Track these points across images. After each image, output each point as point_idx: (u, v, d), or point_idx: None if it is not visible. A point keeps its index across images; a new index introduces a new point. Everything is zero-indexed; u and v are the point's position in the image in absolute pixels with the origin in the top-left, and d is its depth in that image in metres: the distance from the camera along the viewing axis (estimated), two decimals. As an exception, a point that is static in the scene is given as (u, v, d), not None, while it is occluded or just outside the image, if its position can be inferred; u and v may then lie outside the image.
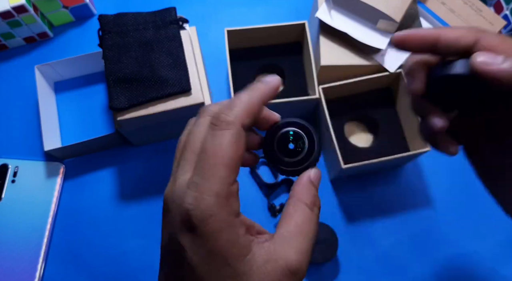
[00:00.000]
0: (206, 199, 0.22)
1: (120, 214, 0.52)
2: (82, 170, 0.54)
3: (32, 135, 0.55)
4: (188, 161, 0.24)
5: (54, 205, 0.51)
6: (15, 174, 0.52)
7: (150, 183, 0.53)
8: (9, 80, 0.58)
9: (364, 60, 0.50)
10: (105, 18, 0.47)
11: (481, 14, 0.52)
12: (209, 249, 0.22)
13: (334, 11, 0.50)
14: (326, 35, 0.51)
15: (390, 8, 0.47)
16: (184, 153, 0.25)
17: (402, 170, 0.54)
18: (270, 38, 0.54)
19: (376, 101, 0.54)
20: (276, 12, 0.62)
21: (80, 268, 0.49)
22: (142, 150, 0.54)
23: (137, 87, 0.45)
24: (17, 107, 0.57)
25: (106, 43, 0.46)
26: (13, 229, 0.50)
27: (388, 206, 0.52)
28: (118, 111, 0.44)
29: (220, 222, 0.22)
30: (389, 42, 0.49)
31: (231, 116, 0.24)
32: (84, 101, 0.57)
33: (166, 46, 0.46)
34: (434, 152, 0.54)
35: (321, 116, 0.50)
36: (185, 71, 0.46)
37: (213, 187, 0.22)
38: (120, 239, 0.51)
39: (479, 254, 0.50)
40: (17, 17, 0.54)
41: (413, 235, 0.51)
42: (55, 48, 0.60)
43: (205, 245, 0.22)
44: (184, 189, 0.23)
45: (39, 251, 0.49)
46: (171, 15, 0.48)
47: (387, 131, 0.53)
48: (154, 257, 0.50)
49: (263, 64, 0.55)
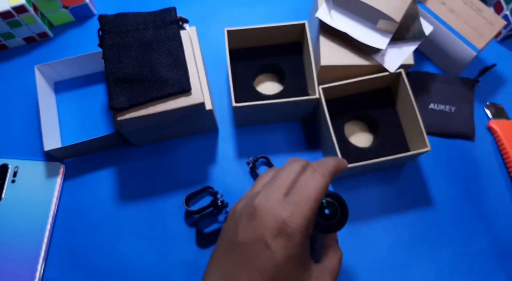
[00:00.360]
0: (299, 220, 0.30)
1: (120, 214, 0.52)
2: (82, 170, 0.54)
3: (32, 135, 0.55)
4: (281, 186, 0.32)
5: (54, 205, 0.51)
6: (15, 174, 0.53)
7: (150, 183, 0.53)
8: (9, 80, 0.58)
9: (364, 60, 0.50)
10: (105, 18, 0.47)
11: (481, 14, 0.52)
12: (291, 254, 0.30)
13: (334, 11, 0.50)
14: (326, 35, 0.51)
15: (390, 8, 0.47)
16: (277, 179, 0.33)
17: (402, 170, 0.54)
18: (270, 38, 0.54)
19: (376, 101, 0.54)
20: (276, 12, 0.63)
21: (80, 268, 0.49)
22: (142, 150, 0.54)
23: (137, 87, 0.45)
24: (17, 107, 0.57)
25: (106, 43, 0.46)
26: (13, 229, 0.50)
27: (388, 206, 0.52)
28: (118, 111, 0.44)
29: (302, 239, 0.30)
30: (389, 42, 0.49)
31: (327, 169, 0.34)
32: (84, 101, 0.57)
33: (166, 46, 0.46)
34: (434, 152, 0.54)
35: (321, 116, 0.50)
36: (185, 71, 0.46)
37: (305, 212, 0.31)
38: (120, 239, 0.51)
39: (479, 254, 0.50)
40: (17, 17, 0.54)
41: (413, 234, 0.51)
42: (55, 48, 0.60)
43: (290, 249, 0.30)
44: (281, 205, 0.31)
45: (39, 251, 0.49)
46: (171, 15, 0.48)
47: (387, 131, 0.53)
48: (154, 256, 0.50)
49: (263, 64, 0.55)
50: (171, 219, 0.51)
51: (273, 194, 0.32)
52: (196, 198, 0.52)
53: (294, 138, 0.55)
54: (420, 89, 0.56)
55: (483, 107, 0.57)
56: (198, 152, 0.54)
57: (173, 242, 0.50)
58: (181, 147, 0.55)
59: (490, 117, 0.57)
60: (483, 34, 0.52)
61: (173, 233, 0.51)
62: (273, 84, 0.56)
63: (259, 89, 0.55)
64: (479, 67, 0.58)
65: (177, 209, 0.52)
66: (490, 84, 0.59)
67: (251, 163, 0.52)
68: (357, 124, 0.55)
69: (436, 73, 0.57)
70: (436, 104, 0.56)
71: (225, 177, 0.53)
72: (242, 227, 0.32)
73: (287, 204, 0.31)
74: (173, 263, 0.49)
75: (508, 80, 0.59)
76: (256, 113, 0.51)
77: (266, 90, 0.56)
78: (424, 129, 0.47)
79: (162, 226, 0.51)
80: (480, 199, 0.53)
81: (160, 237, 0.51)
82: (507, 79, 0.59)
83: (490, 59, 0.60)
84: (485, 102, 0.58)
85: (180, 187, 0.53)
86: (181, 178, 0.53)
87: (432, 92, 0.56)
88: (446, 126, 0.55)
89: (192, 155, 0.54)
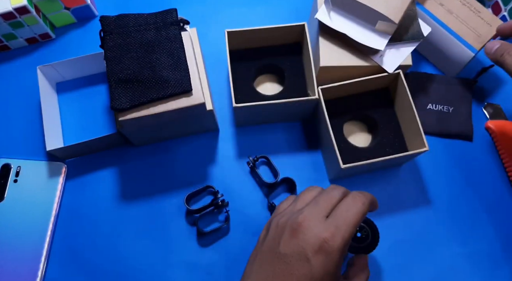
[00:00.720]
0: (339, 241, 0.33)
1: (122, 213, 0.52)
2: (83, 170, 0.54)
3: (34, 135, 0.55)
4: (324, 208, 0.36)
5: (56, 204, 0.52)
6: (17, 174, 0.53)
7: (151, 183, 0.53)
8: (11, 81, 0.59)
9: (363, 61, 0.50)
10: (107, 19, 0.47)
11: (479, 15, 0.52)
12: (328, 270, 0.33)
13: (333, 12, 0.51)
14: (325, 36, 0.51)
15: (388, 10, 0.47)
16: (320, 201, 0.37)
17: (401, 169, 0.54)
18: (270, 39, 0.55)
19: (375, 101, 0.54)
20: (276, 13, 0.63)
21: (81, 267, 0.50)
22: (143, 150, 0.55)
23: (138, 87, 0.45)
24: (19, 107, 0.57)
25: (108, 44, 0.47)
26: (15, 229, 0.50)
27: (386, 206, 0.52)
28: (119, 112, 0.45)
29: (339, 259, 0.34)
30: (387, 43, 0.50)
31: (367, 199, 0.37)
32: (86, 101, 0.57)
33: (167, 47, 0.47)
34: (432, 152, 0.55)
35: (321, 116, 0.50)
36: (186, 71, 0.46)
37: (345, 235, 0.34)
38: (121, 238, 0.51)
39: (477, 254, 0.50)
40: (19, 18, 0.54)
41: (412, 234, 0.51)
42: (57, 49, 0.60)
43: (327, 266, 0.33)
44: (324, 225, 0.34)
45: (41, 251, 0.50)
46: (172, 16, 0.48)
47: (386, 131, 0.53)
48: (155, 255, 0.50)
49: (263, 65, 0.55)
50: (172, 218, 0.52)
51: (316, 214, 0.35)
52: (197, 198, 0.53)
53: (294, 138, 0.55)
54: (419, 89, 0.57)
55: (481, 108, 0.58)
56: (199, 152, 0.55)
57: (173, 241, 0.51)
58: (181, 147, 0.55)
59: (488, 118, 0.57)
60: (481, 35, 0.52)
61: (173, 232, 0.51)
62: (273, 85, 0.57)
63: (259, 90, 0.55)
64: (477, 68, 0.59)
65: (178, 208, 0.52)
66: (488, 84, 0.59)
67: (251, 163, 0.52)
68: (356, 124, 0.55)
69: (435, 74, 0.58)
70: (434, 105, 0.56)
71: (225, 176, 0.54)
72: (285, 240, 0.35)
73: (329, 226, 0.34)
74: (174, 262, 0.50)
75: (506, 81, 0.59)
76: (256, 113, 0.52)
77: (266, 90, 0.56)
78: (422, 129, 0.48)
79: (163, 225, 0.51)
80: (478, 199, 0.53)
81: (161, 236, 0.51)
82: (505, 79, 0.59)
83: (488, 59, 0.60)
84: (483, 102, 0.58)
85: (181, 186, 0.53)
86: (182, 178, 0.53)
87: (431, 92, 0.57)
88: (444, 126, 0.55)
89: (192, 155, 0.55)
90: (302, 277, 0.33)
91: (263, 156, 0.53)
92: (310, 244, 0.33)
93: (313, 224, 0.34)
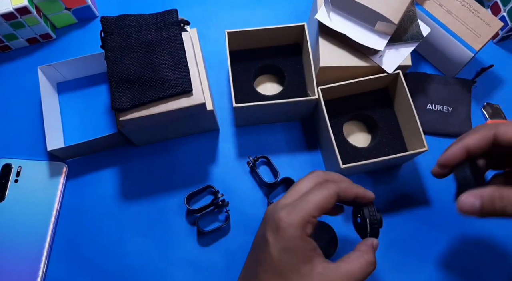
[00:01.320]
0: (294, 217, 0.34)
1: (122, 213, 0.52)
2: (84, 170, 0.54)
3: (35, 135, 0.55)
4: (293, 194, 0.37)
5: (57, 204, 0.52)
6: (18, 174, 0.53)
7: (152, 183, 0.53)
8: (12, 81, 0.59)
9: (363, 61, 0.51)
10: (107, 19, 0.48)
11: (478, 15, 0.52)
12: (284, 246, 0.34)
13: (333, 13, 0.51)
14: (325, 37, 0.52)
15: (388, 10, 0.48)
16: (292, 190, 0.38)
17: (400, 169, 0.54)
18: (270, 40, 0.55)
19: (375, 101, 0.54)
20: (276, 14, 0.63)
21: (82, 267, 0.50)
22: (143, 150, 0.55)
23: (139, 87, 0.45)
24: (20, 107, 0.57)
25: (108, 44, 0.47)
26: (16, 229, 0.51)
27: (386, 206, 0.52)
28: (120, 112, 0.45)
29: (296, 233, 0.34)
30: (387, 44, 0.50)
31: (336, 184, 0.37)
32: (87, 101, 0.58)
33: (167, 47, 0.47)
34: (431, 152, 0.55)
35: (320, 116, 0.50)
36: (186, 72, 0.46)
37: (300, 212, 0.34)
38: (122, 238, 0.51)
39: (476, 253, 0.51)
40: (20, 19, 0.54)
41: (411, 234, 0.51)
42: (58, 49, 0.61)
43: (282, 243, 0.34)
44: (282, 207, 0.35)
45: (41, 251, 0.50)
46: (173, 17, 0.48)
47: (385, 131, 0.53)
48: (156, 255, 0.50)
49: (263, 65, 0.56)
50: (172, 217, 0.52)
51: (283, 200, 0.37)
52: (197, 197, 0.53)
53: (294, 138, 0.56)
54: (418, 89, 0.57)
55: (480, 108, 0.58)
56: (199, 151, 0.55)
57: (174, 241, 0.51)
58: (182, 146, 0.55)
59: (487, 118, 0.57)
60: (481, 35, 0.52)
61: (174, 232, 0.51)
62: (273, 85, 0.57)
63: (259, 90, 0.55)
64: (476, 68, 0.59)
65: (178, 208, 0.52)
66: (487, 85, 0.59)
67: (251, 162, 0.53)
68: (355, 124, 0.55)
69: (434, 74, 0.58)
70: (434, 105, 0.56)
71: (225, 176, 0.54)
72: (258, 230, 0.38)
73: (288, 207, 0.35)
74: (174, 261, 0.50)
75: (505, 81, 0.59)
76: (256, 114, 0.52)
77: (266, 90, 0.57)
78: (422, 129, 0.48)
79: (163, 225, 0.52)
80: (477, 198, 0.53)
81: (162, 236, 0.51)
82: (504, 80, 0.60)
83: (487, 60, 0.60)
84: (482, 102, 0.58)
85: (181, 186, 0.53)
86: (182, 178, 0.54)
87: (430, 92, 0.57)
88: (443, 126, 0.56)
89: (193, 154, 0.55)
90: (263, 257, 0.35)
91: (263, 156, 0.54)
92: (269, 225, 0.35)
93: (275, 210, 0.36)
